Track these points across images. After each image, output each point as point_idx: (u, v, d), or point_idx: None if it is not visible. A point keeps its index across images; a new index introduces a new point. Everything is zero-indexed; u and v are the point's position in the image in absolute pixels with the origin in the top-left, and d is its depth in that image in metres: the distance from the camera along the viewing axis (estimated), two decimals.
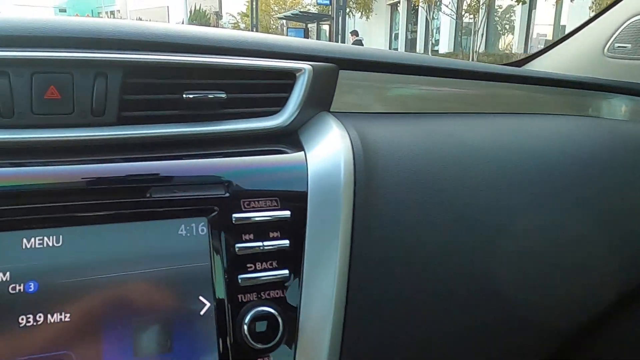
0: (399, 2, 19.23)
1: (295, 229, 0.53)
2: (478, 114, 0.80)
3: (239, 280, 0.49)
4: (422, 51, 17.46)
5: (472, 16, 13.45)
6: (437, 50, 15.97)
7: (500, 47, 14.98)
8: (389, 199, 0.57)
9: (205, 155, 0.55)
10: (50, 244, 0.46)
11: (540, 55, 1.16)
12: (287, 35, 16.87)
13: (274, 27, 23.29)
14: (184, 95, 0.57)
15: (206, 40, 0.61)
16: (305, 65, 0.63)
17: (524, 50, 13.34)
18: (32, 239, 0.45)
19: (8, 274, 0.44)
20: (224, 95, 0.58)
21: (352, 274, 0.52)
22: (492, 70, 0.83)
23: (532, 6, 13.50)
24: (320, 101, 0.67)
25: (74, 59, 0.53)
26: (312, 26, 17.81)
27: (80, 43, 0.55)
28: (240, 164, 0.55)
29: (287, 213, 0.52)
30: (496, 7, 14.77)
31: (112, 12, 50.31)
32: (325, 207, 0.54)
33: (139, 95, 0.56)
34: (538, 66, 1.13)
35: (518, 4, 12.49)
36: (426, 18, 15.81)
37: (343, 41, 13.90)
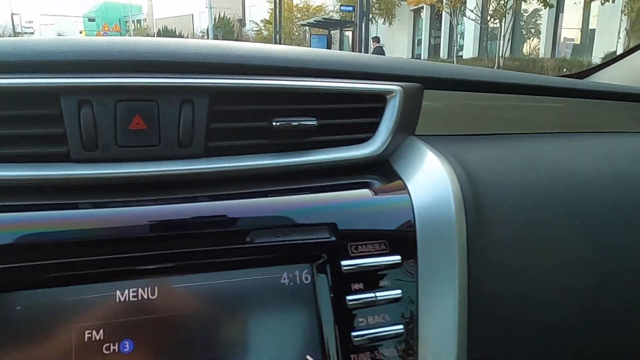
0: (421, 8, 19.10)
1: (406, 275, 0.47)
2: (567, 134, 0.74)
3: (352, 338, 0.44)
4: (445, 57, 17.29)
5: (497, 20, 13.25)
6: (462, 56, 15.77)
7: (525, 51, 14.72)
8: (500, 238, 0.51)
9: (300, 191, 0.50)
10: (146, 297, 0.41)
11: (608, 66, 1.08)
12: (310, 42, 16.89)
13: (296, 34, 23.40)
14: (274, 123, 0.52)
15: (291, 61, 0.56)
16: (396, 87, 0.58)
17: (551, 54, 13.06)
18: (126, 291, 0.41)
19: (102, 331, 0.40)
20: (314, 123, 0.53)
21: (471, 326, 0.46)
22: (579, 86, 0.76)
23: (559, 10, 13.23)
24: (408, 125, 0.62)
25: (160, 85, 0.48)
26: (334, 32, 17.83)
27: (163, 67, 0.51)
28: (344, 201, 0.49)
29: (397, 258, 0.47)
30: (522, 11, 14.52)
31: (138, 21, 51.38)
32: (437, 248, 0.48)
33: (226, 123, 0.52)
34: (605, 78, 1.05)
35: (545, 8, 12.25)
36: (450, 23, 15.65)
37: (366, 47, 13.83)
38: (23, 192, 0.46)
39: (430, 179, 0.52)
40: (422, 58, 18.94)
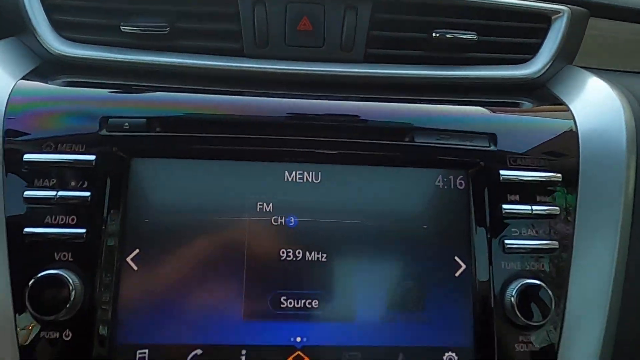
0: None
1: (564, 193, 0.46)
2: None
3: (505, 246, 0.44)
4: None
5: None
6: None
7: None
8: None
9: (465, 103, 0.50)
10: (310, 180, 0.44)
11: None
12: None
13: None
14: (433, 34, 0.52)
15: None
16: (563, 7, 0.54)
17: None
18: (294, 173, 0.44)
19: (271, 205, 0.43)
20: (475, 37, 0.52)
21: (632, 251, 0.44)
22: None
23: None
24: (569, 52, 0.58)
25: None
26: None
27: None
28: (506, 114, 0.49)
29: (558, 176, 0.45)
30: None
31: None
32: (602, 172, 0.46)
33: (387, 32, 0.53)
34: None
35: None
36: None
37: None
38: (200, 80, 0.50)
39: (597, 104, 0.49)
40: None
